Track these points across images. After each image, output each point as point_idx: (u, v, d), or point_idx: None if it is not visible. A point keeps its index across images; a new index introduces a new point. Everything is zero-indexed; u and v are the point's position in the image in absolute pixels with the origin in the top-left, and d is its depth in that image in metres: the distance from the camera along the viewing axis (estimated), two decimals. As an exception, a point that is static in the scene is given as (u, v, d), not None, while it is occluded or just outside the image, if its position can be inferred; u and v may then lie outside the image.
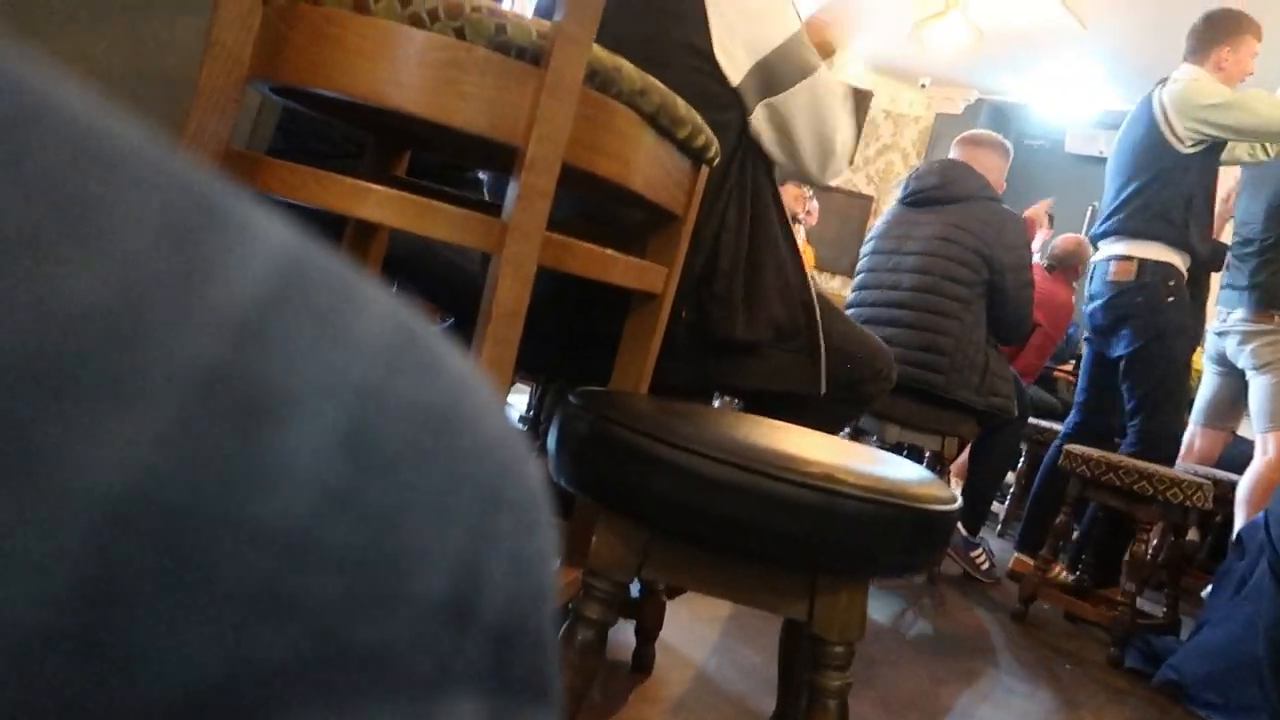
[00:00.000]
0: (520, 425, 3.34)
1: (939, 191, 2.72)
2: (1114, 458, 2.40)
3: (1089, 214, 5.84)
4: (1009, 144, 2.96)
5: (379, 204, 0.79)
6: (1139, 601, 2.38)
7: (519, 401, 3.72)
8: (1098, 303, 2.85)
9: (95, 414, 0.14)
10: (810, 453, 0.82)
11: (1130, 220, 2.78)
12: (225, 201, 0.16)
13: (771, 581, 0.81)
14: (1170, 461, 2.75)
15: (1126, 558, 2.39)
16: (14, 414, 0.13)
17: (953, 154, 2.90)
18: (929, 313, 2.61)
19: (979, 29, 4.88)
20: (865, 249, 2.88)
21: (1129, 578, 2.34)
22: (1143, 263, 2.75)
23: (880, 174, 7.29)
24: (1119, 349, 2.80)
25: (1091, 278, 2.92)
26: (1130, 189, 2.81)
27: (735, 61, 1.29)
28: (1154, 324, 2.75)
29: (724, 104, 1.30)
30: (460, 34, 0.80)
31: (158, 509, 0.14)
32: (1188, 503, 2.29)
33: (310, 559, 0.15)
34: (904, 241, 2.73)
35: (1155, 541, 2.52)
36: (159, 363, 0.14)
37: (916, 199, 2.78)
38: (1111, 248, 2.84)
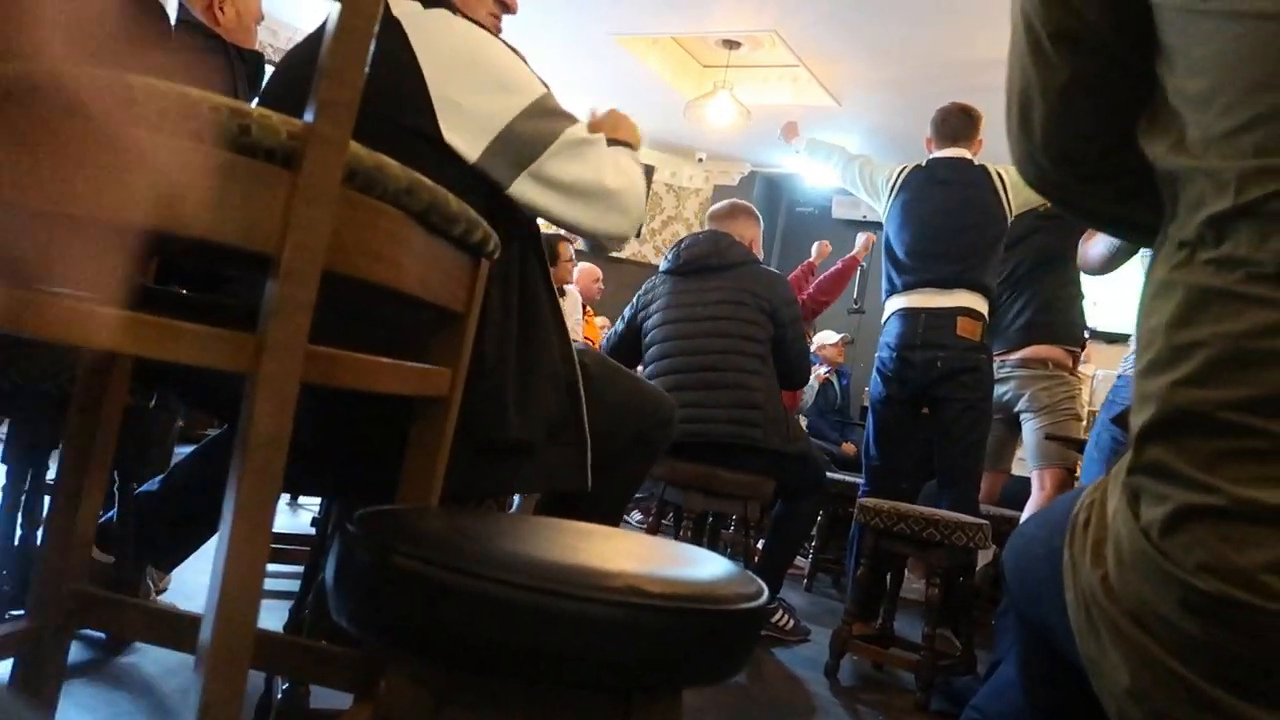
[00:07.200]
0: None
1: (714, 259, 2.88)
2: (903, 508, 2.52)
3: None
4: (755, 210, 3.13)
5: (108, 330, 0.69)
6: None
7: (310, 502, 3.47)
8: (939, 353, 2.87)
9: None
10: (611, 562, 0.78)
11: (970, 272, 2.90)
12: None
13: (584, 707, 0.76)
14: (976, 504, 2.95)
15: (924, 602, 2.50)
16: None
17: (711, 226, 3.06)
18: (738, 371, 2.75)
19: (746, 108, 5.18)
20: (651, 322, 2.95)
21: (926, 622, 2.45)
22: (985, 322, 2.93)
23: (667, 244, 7.53)
24: (952, 398, 2.88)
25: (918, 325, 2.92)
26: (961, 239, 2.93)
27: (469, 139, 1.22)
28: (990, 379, 2.99)
29: (467, 186, 1.20)
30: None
31: None
32: (971, 544, 2.44)
33: None
34: (694, 309, 2.84)
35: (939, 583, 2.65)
36: None
37: (690, 269, 2.91)
38: (953, 299, 2.90)
